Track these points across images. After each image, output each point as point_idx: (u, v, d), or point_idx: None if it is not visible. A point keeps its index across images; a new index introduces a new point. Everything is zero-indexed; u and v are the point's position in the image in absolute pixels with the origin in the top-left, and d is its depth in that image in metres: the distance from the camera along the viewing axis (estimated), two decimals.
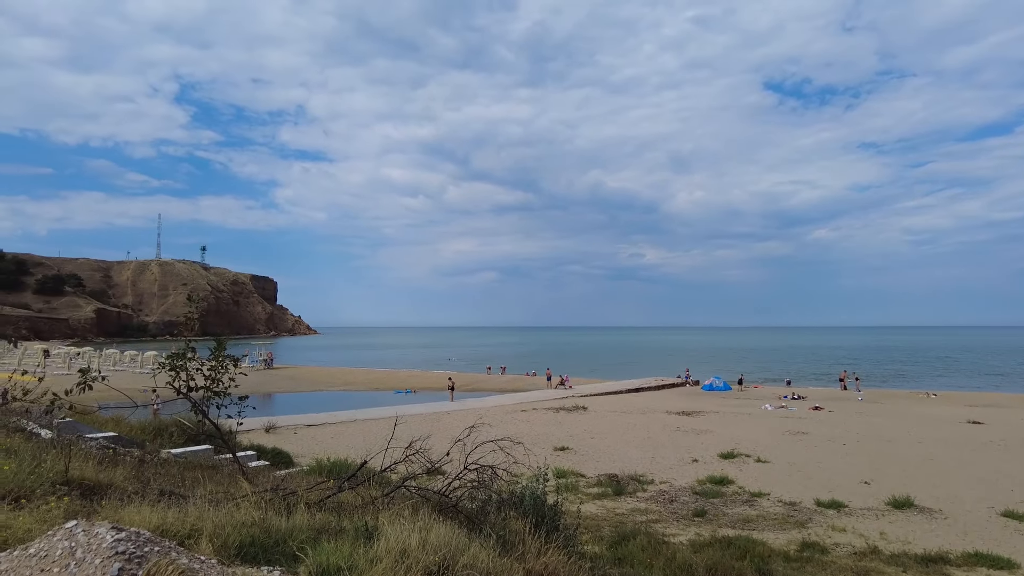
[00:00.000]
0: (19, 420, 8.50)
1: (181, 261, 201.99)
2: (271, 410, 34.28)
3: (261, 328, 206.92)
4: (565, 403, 35.85)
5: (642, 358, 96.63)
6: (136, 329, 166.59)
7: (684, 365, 58.75)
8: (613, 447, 22.34)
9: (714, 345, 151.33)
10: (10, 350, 69.57)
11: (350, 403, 38.39)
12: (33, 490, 4.29)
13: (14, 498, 4.07)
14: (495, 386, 50.23)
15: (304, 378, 56.66)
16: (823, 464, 19.38)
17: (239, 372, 6.43)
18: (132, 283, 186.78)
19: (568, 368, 58.87)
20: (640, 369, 66.94)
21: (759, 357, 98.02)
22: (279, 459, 16.36)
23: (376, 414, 30.85)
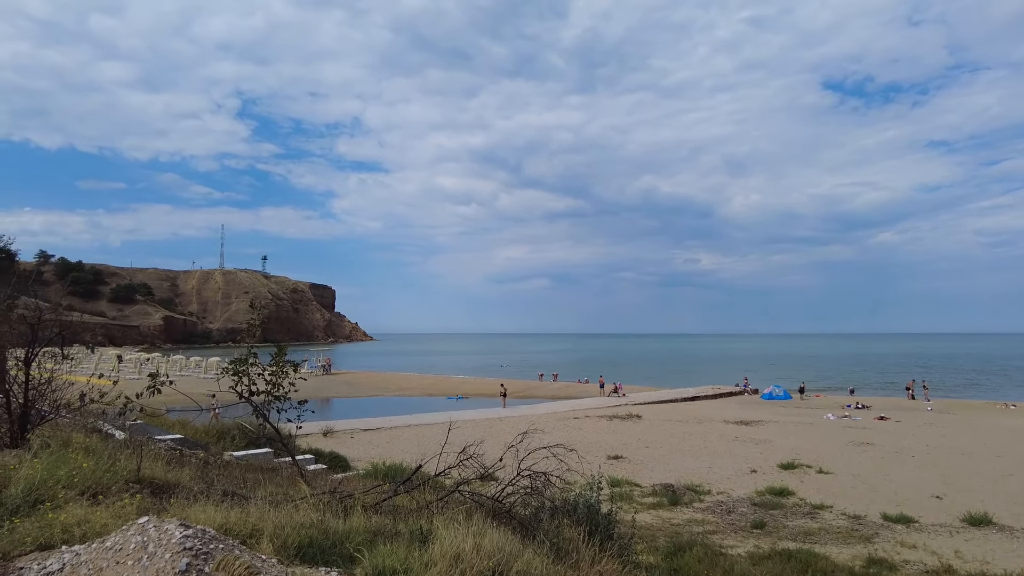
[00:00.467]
0: (96, 421, 8.93)
1: (243, 270, 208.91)
2: (329, 414, 35.05)
3: (319, 335, 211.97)
4: (619, 411, 35.45)
5: (698, 366, 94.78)
6: (200, 336, 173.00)
7: (742, 373, 57.30)
8: (668, 456, 21.96)
9: (773, 352, 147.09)
10: (88, 355, 73.07)
11: (405, 408, 38.91)
12: (109, 487, 4.50)
13: (92, 494, 4.29)
14: (547, 393, 50.05)
15: (361, 383, 57.74)
16: (890, 476, 18.56)
17: (299, 377, 6.61)
18: (197, 291, 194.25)
19: (621, 376, 58.21)
20: (696, 377, 65.66)
21: (820, 365, 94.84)
22: (336, 463, 16.70)
23: (430, 419, 31.16)
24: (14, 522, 3.60)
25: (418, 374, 69.20)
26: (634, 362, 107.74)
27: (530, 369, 75.38)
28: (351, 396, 49.63)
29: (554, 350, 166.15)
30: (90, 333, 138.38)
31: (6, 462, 4.82)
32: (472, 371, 77.58)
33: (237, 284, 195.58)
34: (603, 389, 47.54)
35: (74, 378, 7.48)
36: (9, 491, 4.03)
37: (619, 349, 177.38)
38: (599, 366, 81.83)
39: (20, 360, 6.56)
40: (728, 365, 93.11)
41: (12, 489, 4.05)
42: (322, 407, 41.48)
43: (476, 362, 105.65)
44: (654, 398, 43.13)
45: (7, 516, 3.72)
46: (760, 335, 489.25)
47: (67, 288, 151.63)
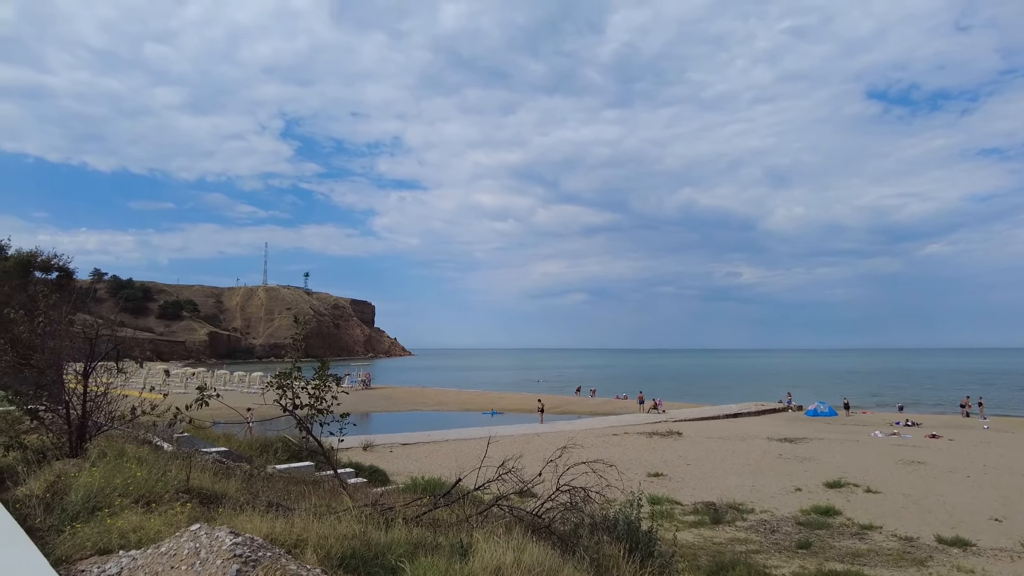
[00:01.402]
0: (146, 433, 9.23)
1: (286, 286, 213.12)
2: (368, 428, 35.42)
3: (360, 350, 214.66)
4: (659, 427, 34.99)
5: (739, 382, 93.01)
6: (244, 351, 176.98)
7: (785, 389, 56.03)
8: (710, 474, 21.57)
9: (817, 368, 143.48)
10: (137, 370, 75.53)
11: (442, 423, 39.06)
12: (161, 496, 4.68)
13: (146, 502, 4.47)
14: (585, 409, 49.72)
15: (400, 398, 58.22)
16: (944, 497, 17.87)
17: (340, 391, 6.73)
18: (241, 308, 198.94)
19: (660, 392, 57.50)
20: (738, 393, 64.42)
21: (866, 381, 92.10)
22: (376, 476, 16.85)
23: (468, 434, 31.22)
24: (75, 527, 3.78)
25: (455, 389, 69.45)
26: (674, 378, 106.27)
27: (567, 384, 75.00)
28: (390, 410, 50.05)
29: (592, 365, 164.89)
30: (139, 348, 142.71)
31: (67, 470, 5.05)
32: (509, 386, 77.51)
33: (280, 300, 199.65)
34: (642, 405, 47.01)
35: (126, 392, 7.77)
36: (70, 498, 4.23)
37: (658, 364, 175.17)
38: (638, 382, 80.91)
39: (79, 373, 6.86)
40: (771, 381, 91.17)
41: (73, 496, 4.25)
42: (362, 421, 41.90)
43: (513, 377, 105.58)
44: (695, 415, 42.48)
45: (68, 521, 3.91)
46: (803, 350, 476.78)
47: (118, 305, 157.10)
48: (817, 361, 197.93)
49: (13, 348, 7.16)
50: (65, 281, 25.26)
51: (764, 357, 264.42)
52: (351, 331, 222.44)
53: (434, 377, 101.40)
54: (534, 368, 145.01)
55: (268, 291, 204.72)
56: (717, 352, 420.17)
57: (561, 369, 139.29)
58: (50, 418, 6.86)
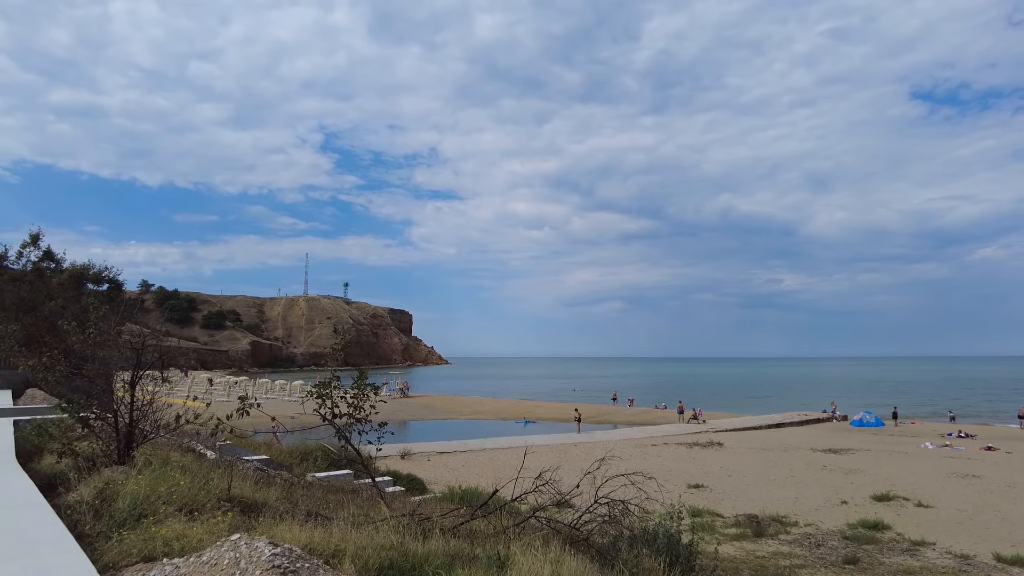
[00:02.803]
0: (190, 441, 9.45)
1: (326, 297, 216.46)
2: (406, 437, 35.66)
3: (397, 358, 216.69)
4: (699, 438, 34.48)
5: (782, 391, 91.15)
6: (285, 360, 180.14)
7: (829, 398, 54.70)
8: (752, 486, 21.13)
9: (862, 376, 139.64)
10: (182, 379, 77.45)
11: (479, 432, 39.13)
12: (203, 504, 4.77)
13: (188, 510, 4.56)
14: (623, 418, 49.28)
15: (437, 406, 58.56)
16: (1003, 513, 17.15)
17: (378, 400, 6.79)
18: (282, 317, 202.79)
19: (700, 401, 56.67)
20: (780, 403, 63.11)
21: (915, 390, 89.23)
22: (413, 485, 16.94)
23: (504, 443, 31.21)
24: (122, 534, 3.88)
25: (492, 398, 69.51)
26: (714, 387, 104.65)
27: (604, 394, 74.45)
28: (427, 419, 50.37)
29: (629, 374, 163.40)
30: (184, 358, 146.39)
31: (115, 478, 5.18)
32: (545, 395, 77.28)
33: (320, 310, 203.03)
34: (682, 415, 46.38)
35: (171, 400, 7.96)
36: (118, 505, 4.34)
37: (698, 373, 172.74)
38: (677, 391, 79.88)
39: (126, 382, 7.06)
40: (814, 390, 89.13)
41: (120, 503, 4.36)
42: (400, 429, 42.23)
43: (549, 386, 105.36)
44: (736, 425, 41.80)
45: (116, 528, 4.01)
46: (847, 358, 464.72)
47: (164, 315, 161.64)
48: (862, 370, 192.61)
49: (66, 358, 7.42)
50: (115, 293, 26.14)
51: (806, 366, 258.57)
52: (389, 340, 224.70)
53: (470, 386, 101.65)
54: (570, 377, 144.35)
55: (308, 301, 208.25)
56: (758, 360, 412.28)
57: (597, 378, 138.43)
58: (99, 426, 7.07)
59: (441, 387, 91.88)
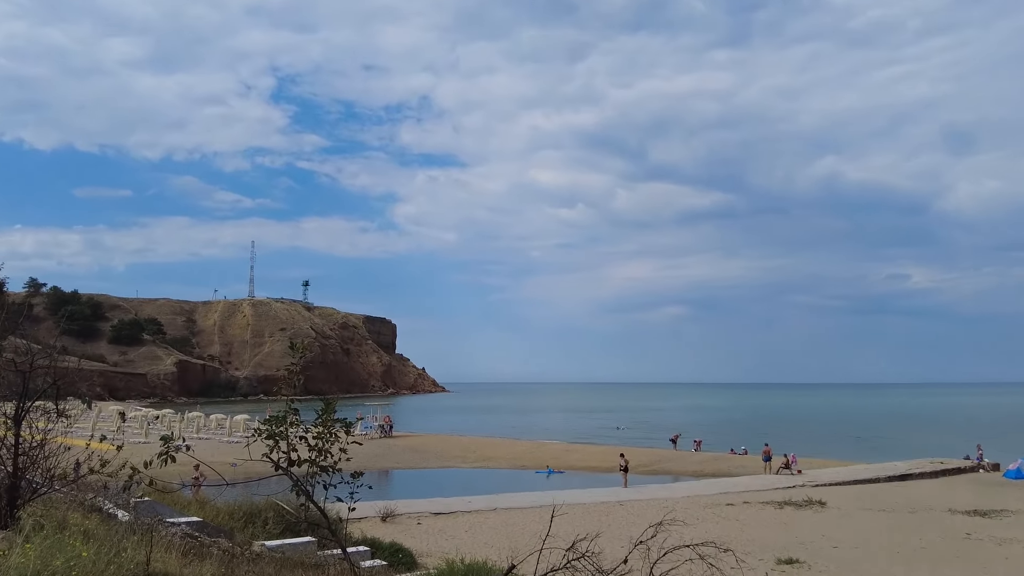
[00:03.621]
0: (95, 497, 9.51)
1: (279, 300, 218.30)
2: (388, 491, 35.75)
3: (376, 384, 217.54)
4: (792, 495, 34.33)
5: (907, 430, 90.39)
6: (224, 386, 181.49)
7: (974, 440, 54.18)
8: (867, 561, 21.08)
9: (1020, 409, 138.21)
10: (84, 412, 78.18)
11: (489, 484, 39.16)
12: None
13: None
14: (686, 468, 49.20)
15: (430, 450, 58.72)
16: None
17: (351, 441, 6.79)
18: (219, 328, 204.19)
19: (794, 444, 56.34)
20: (904, 446, 62.61)
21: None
22: (399, 558, 16.99)
23: (522, 501, 31.20)
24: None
25: (505, 438, 69.68)
26: (812, 424, 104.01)
27: (660, 433, 74.24)
28: (418, 467, 50.56)
29: (695, 406, 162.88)
30: (87, 383, 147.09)
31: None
32: (579, 435, 77.37)
33: (271, 318, 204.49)
34: (769, 463, 46.17)
35: (70, 441, 8.00)
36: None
37: (790, 405, 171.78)
38: (761, 430, 79.48)
39: (8, 417, 7.01)
40: (952, 428, 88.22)
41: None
42: (380, 481, 42.43)
43: (584, 423, 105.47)
44: (843, 476, 41.69)
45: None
46: (998, 383, 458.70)
47: (60, 325, 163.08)
48: (1019, 399, 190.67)
49: None
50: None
51: (941, 393, 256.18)
52: (365, 359, 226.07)
53: (477, 422, 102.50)
54: (613, 410, 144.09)
55: (255, 306, 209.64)
56: (873, 387, 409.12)
57: (651, 411, 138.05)
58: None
59: (436, 423, 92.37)
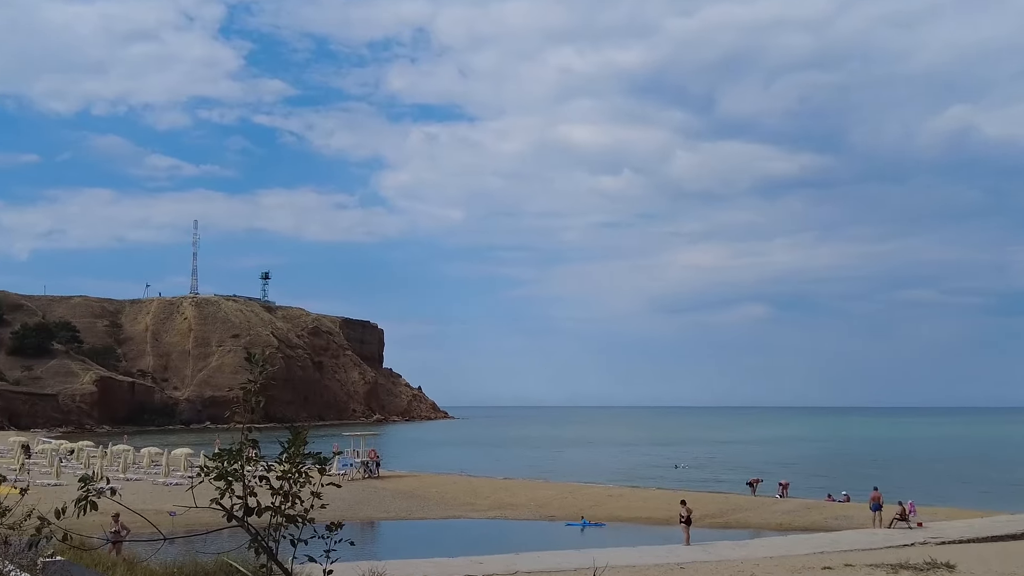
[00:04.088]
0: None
1: (231, 298, 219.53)
2: (376, 548, 35.92)
3: (358, 408, 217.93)
4: (910, 555, 34.10)
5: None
6: (159, 411, 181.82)
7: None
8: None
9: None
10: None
11: (506, 540, 39.30)
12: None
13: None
14: (769, 519, 49.21)
15: (429, 495, 58.74)
16: None
17: (327, 483, 6.75)
18: (153, 336, 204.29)
19: (912, 488, 56.20)
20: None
21: None
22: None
23: (551, 562, 31.16)
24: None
25: (529, 480, 69.77)
26: (937, 462, 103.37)
27: (733, 474, 74.10)
28: (413, 517, 50.58)
29: (779, 438, 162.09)
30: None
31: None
32: (625, 476, 77.54)
33: (221, 323, 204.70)
34: (878, 513, 45.97)
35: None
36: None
37: (906, 437, 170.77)
38: (868, 469, 79.37)
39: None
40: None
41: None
42: (365, 535, 42.68)
43: (632, 459, 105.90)
44: (978, 531, 41.50)
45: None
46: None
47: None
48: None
49: None
50: None
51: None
52: (343, 374, 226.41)
53: (490, 458, 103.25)
54: (670, 442, 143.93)
55: (200, 307, 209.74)
56: (1018, 411, 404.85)
57: (721, 444, 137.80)
58: None
59: (437, 460, 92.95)
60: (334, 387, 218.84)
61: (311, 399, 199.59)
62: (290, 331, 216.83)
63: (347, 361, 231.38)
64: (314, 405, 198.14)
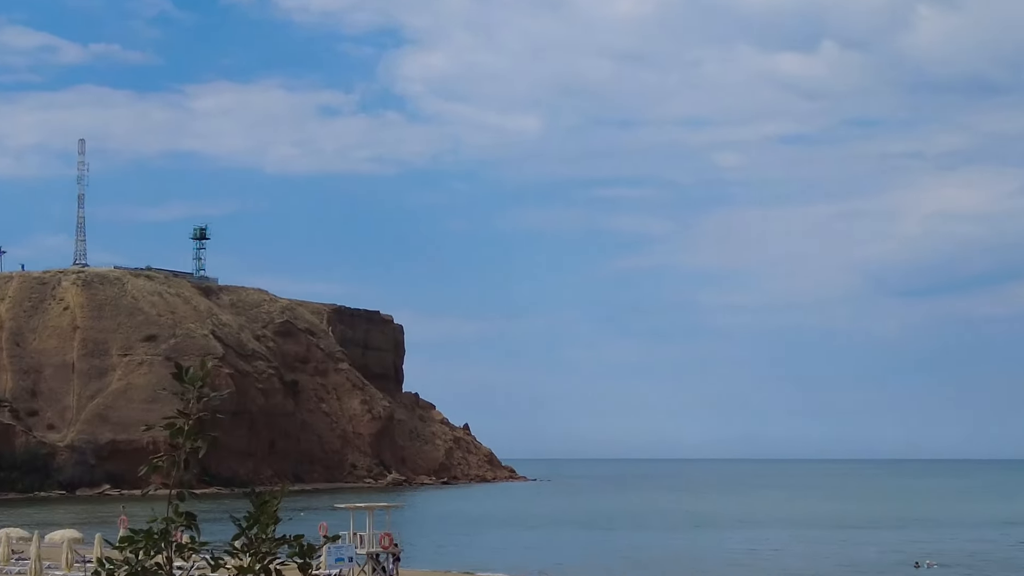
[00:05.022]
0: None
1: (142, 273, 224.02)
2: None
3: (362, 461, 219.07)
4: None
5: None
6: (23, 465, 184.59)
7: None
8: None
9: None
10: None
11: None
12: None
13: None
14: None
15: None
16: None
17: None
18: (12, 338, 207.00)
19: None
20: None
21: None
22: None
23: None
24: None
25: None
26: None
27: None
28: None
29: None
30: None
31: None
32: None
33: (125, 315, 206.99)
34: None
35: None
36: None
37: None
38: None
39: None
40: None
41: None
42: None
43: (841, 551, 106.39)
44: None
45: None
46: None
47: None
48: None
49: None
50: None
51: None
52: (336, 405, 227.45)
53: (596, 549, 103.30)
54: (907, 522, 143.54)
55: (91, 287, 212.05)
56: None
57: (996, 526, 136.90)
58: None
59: (499, 552, 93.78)
60: (319, 425, 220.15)
61: (282, 446, 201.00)
62: (244, 329, 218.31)
63: (341, 381, 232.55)
64: (287, 456, 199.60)
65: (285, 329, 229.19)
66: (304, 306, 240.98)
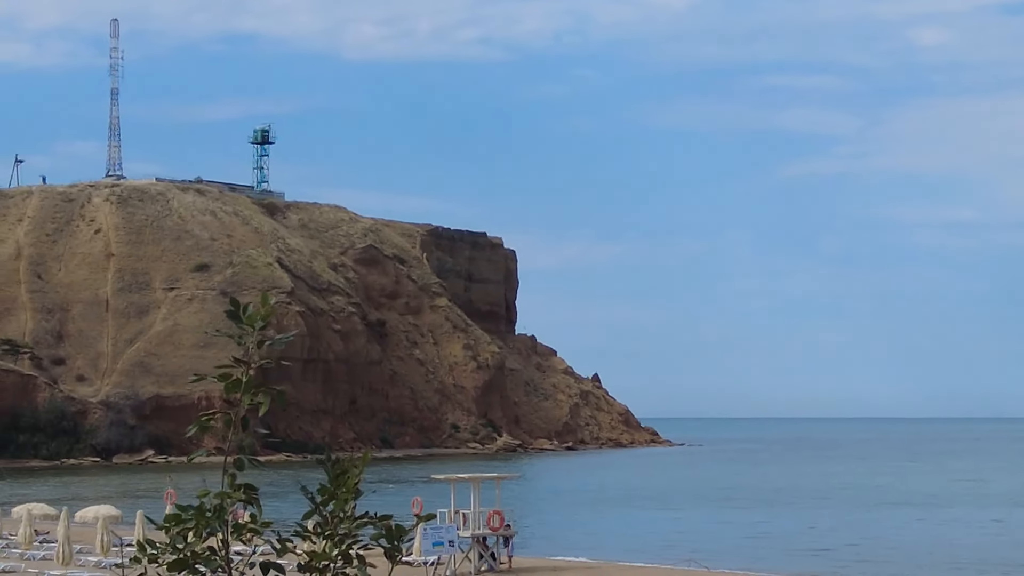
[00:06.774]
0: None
1: (190, 186, 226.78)
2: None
3: (465, 421, 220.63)
4: None
5: None
6: (49, 426, 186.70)
7: None
8: None
9: None
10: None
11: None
12: None
13: None
14: None
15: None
16: None
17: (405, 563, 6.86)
18: (32, 267, 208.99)
19: None
20: None
21: None
22: None
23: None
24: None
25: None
26: None
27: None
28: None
29: None
30: None
31: None
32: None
33: (170, 238, 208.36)
34: None
35: None
36: None
37: None
38: None
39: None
40: None
41: None
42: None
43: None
44: None
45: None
46: None
47: None
48: None
49: None
50: None
51: None
52: (433, 351, 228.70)
53: (762, 529, 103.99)
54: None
55: (128, 204, 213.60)
56: None
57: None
58: None
59: (640, 533, 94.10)
60: (412, 377, 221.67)
61: (365, 403, 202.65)
62: (318, 256, 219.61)
63: (439, 320, 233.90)
64: (372, 415, 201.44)
65: (369, 256, 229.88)
66: (392, 227, 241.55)
